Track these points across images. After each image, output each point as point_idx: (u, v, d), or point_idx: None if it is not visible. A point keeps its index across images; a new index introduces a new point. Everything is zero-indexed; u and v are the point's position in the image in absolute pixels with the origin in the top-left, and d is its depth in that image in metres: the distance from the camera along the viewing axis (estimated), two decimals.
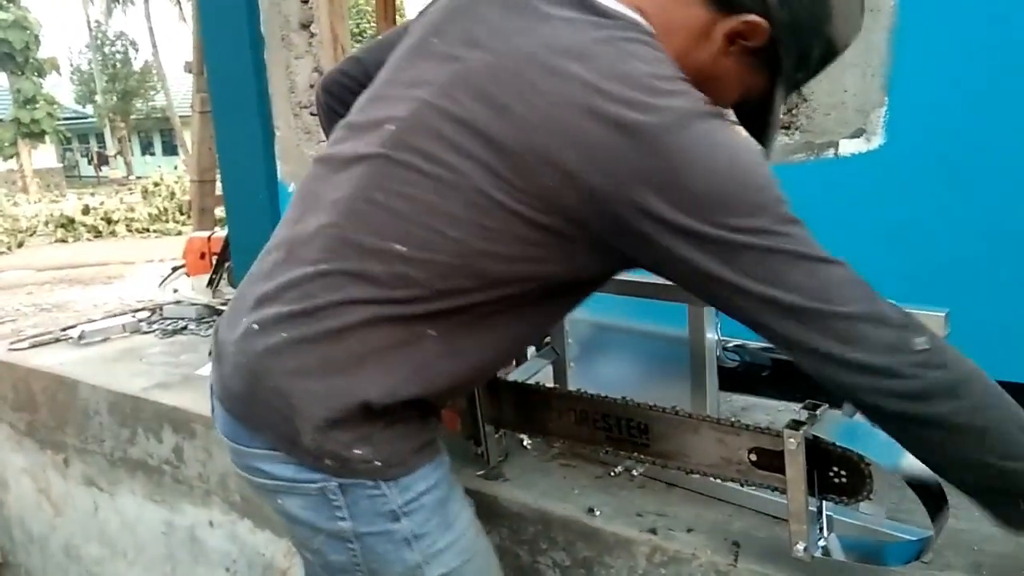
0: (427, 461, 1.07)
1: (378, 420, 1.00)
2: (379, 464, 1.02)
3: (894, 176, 1.68)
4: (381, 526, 1.05)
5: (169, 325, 2.95)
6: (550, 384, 1.59)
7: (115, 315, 3.11)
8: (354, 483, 1.03)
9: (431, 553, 1.07)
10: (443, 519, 1.09)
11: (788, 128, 1.81)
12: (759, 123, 1.07)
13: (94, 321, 3.00)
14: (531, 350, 1.65)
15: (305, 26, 2.88)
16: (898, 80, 1.64)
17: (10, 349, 2.75)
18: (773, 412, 1.77)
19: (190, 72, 4.24)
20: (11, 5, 24.75)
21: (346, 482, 1.03)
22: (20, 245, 13.40)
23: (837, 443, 1.03)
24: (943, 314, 1.09)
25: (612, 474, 1.53)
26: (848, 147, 1.72)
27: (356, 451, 1.00)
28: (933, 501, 1.03)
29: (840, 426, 1.06)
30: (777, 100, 1.04)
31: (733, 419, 1.15)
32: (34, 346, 2.77)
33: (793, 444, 1.04)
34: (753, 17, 0.95)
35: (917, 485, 1.02)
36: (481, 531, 1.18)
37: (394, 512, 1.05)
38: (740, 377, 1.50)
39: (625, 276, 1.43)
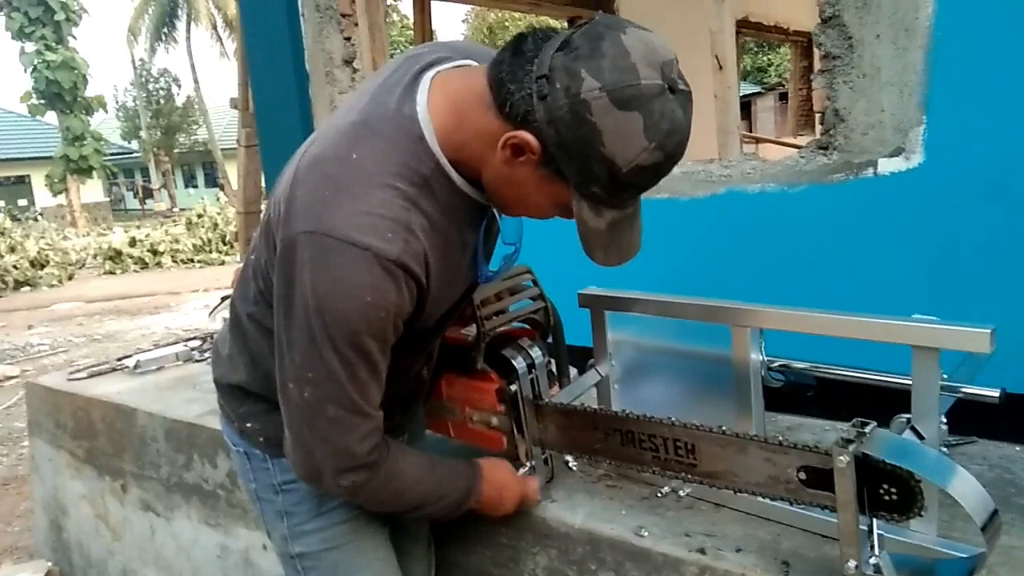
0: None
1: (259, 402, 1.28)
2: (262, 440, 1.30)
3: (935, 194, 1.68)
4: (268, 496, 1.34)
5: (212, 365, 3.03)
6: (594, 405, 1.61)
7: (169, 344, 3.20)
8: (254, 452, 1.32)
9: (297, 531, 1.33)
10: (314, 506, 1.32)
11: (826, 148, 1.82)
12: (583, 243, 1.08)
13: (149, 351, 3.09)
14: (573, 372, 1.68)
15: (348, 62, 2.97)
16: (936, 98, 1.65)
17: (69, 379, 2.84)
18: (819, 431, 1.77)
19: (236, 108, 4.37)
20: (59, 47, 25.63)
21: (251, 451, 1.33)
22: (70, 278, 13.81)
23: (887, 460, 1.04)
24: (988, 331, 1.09)
25: (659, 495, 1.54)
26: (887, 166, 1.72)
27: (248, 424, 1.31)
28: (985, 517, 1.02)
29: (889, 444, 1.07)
30: (579, 213, 1.04)
31: (781, 438, 1.16)
32: (92, 375, 2.85)
33: (843, 462, 1.05)
34: (524, 133, 0.99)
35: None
36: (361, 534, 1.36)
37: (275, 486, 1.32)
38: (785, 397, 1.50)
39: (668, 297, 1.46)
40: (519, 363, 1.46)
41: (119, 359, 3.01)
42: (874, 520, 1.10)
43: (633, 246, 1.11)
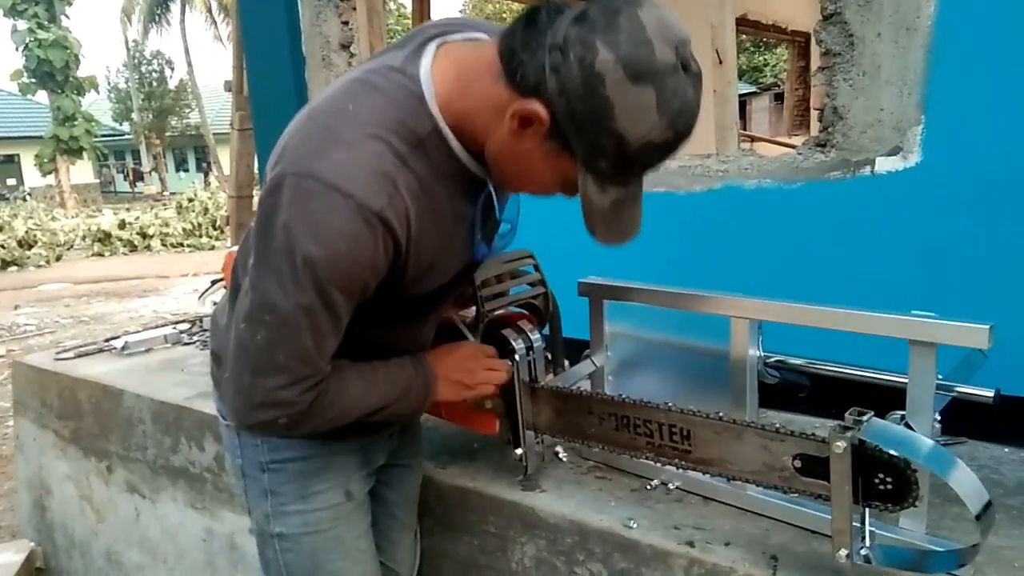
0: (305, 437, 1.28)
1: None
2: None
3: (932, 194, 1.68)
4: (254, 473, 1.33)
5: (209, 337, 3.00)
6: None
7: (157, 327, 3.17)
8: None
9: (279, 511, 1.32)
10: (299, 489, 1.31)
11: (824, 146, 1.82)
12: (584, 218, 1.07)
13: (137, 332, 3.07)
14: (566, 364, 1.67)
15: (345, 46, 2.95)
16: (935, 98, 1.65)
17: (56, 358, 2.82)
18: (810, 429, 1.77)
19: (230, 91, 4.34)
20: (52, 25, 25.39)
21: (240, 426, 1.29)
22: (58, 259, 13.72)
23: (884, 448, 1.04)
24: (987, 327, 1.09)
25: (648, 487, 1.54)
26: (885, 165, 1.72)
27: None
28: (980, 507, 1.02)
29: (887, 432, 1.07)
30: (584, 187, 1.03)
31: (778, 425, 1.16)
32: (79, 356, 2.83)
33: (840, 447, 1.05)
34: (533, 104, 0.97)
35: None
36: (343, 523, 1.35)
37: (262, 464, 1.31)
38: (777, 394, 1.50)
39: (669, 288, 1.46)
40: (518, 345, 1.45)
41: (107, 340, 2.98)
42: (867, 510, 1.10)
43: (634, 225, 1.11)
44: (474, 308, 1.45)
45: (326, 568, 1.35)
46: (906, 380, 1.18)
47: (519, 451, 1.51)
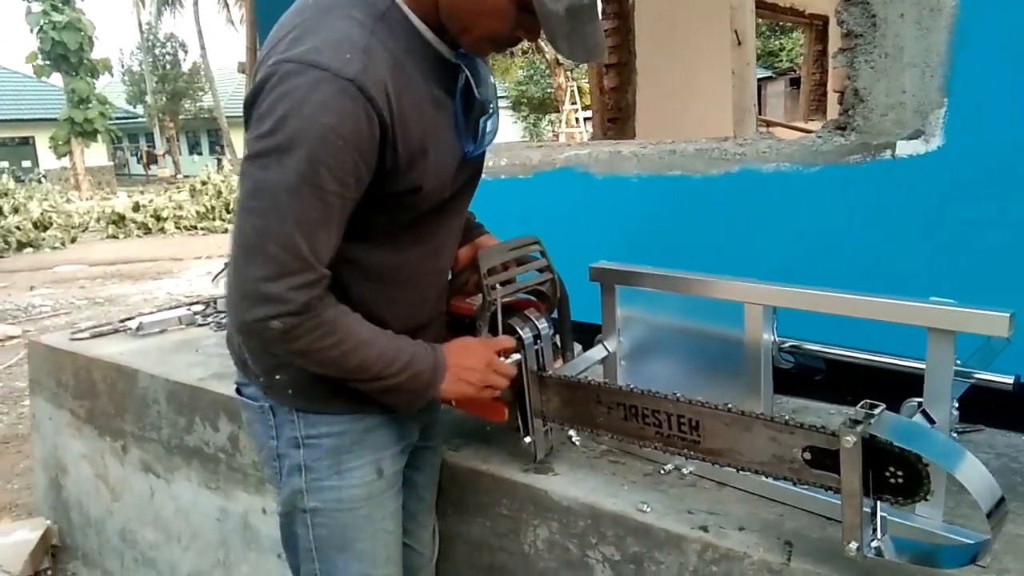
0: (340, 412, 1.30)
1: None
2: (290, 391, 1.28)
3: (953, 179, 1.65)
4: (288, 450, 1.32)
5: (223, 318, 3.02)
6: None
7: (172, 308, 3.19)
8: (279, 407, 1.30)
9: (314, 486, 1.32)
10: (334, 464, 1.32)
11: (844, 129, 1.79)
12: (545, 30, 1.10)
13: (151, 313, 3.08)
14: (577, 348, 1.66)
15: None
16: (958, 80, 1.62)
17: (72, 338, 2.84)
18: (825, 415, 1.76)
19: (243, 72, 4.33)
20: (66, 7, 25.43)
21: (276, 406, 1.30)
22: (73, 241, 13.80)
23: (894, 443, 1.03)
24: (1007, 315, 1.08)
25: (662, 472, 1.54)
26: (906, 148, 1.70)
27: (277, 376, 1.28)
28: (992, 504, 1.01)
29: (897, 426, 1.05)
30: None
31: (787, 417, 1.15)
32: (94, 336, 2.85)
33: (850, 442, 1.04)
34: None
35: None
36: (375, 503, 1.36)
37: (297, 440, 1.31)
38: (792, 379, 1.49)
39: (681, 273, 1.44)
40: (525, 334, 1.44)
41: (122, 321, 3.00)
42: (878, 503, 1.09)
43: (598, 43, 1.13)
44: (480, 296, 1.43)
45: (355, 547, 1.35)
46: (924, 366, 1.17)
47: (528, 439, 1.51)
